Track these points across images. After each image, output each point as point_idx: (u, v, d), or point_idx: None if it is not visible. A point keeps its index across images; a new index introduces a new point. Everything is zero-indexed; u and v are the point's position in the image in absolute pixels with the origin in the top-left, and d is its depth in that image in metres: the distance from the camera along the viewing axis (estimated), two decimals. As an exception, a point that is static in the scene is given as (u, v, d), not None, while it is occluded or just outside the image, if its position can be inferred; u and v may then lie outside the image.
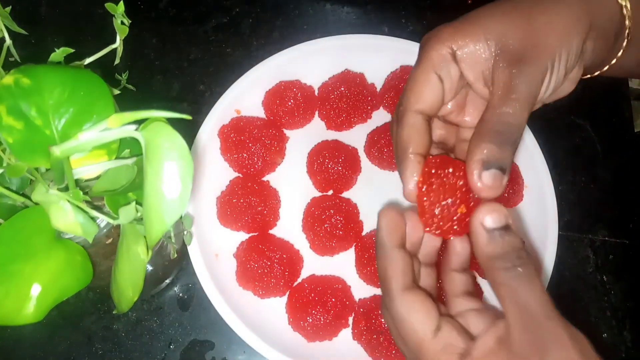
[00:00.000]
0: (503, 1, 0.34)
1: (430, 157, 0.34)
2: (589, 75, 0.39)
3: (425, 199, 0.32)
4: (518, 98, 0.32)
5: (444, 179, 0.32)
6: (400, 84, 0.59)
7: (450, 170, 0.32)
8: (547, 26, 0.33)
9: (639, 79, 0.44)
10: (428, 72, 0.34)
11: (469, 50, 0.33)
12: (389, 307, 0.32)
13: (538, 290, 0.29)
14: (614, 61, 0.37)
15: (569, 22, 0.33)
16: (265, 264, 0.52)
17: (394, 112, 0.36)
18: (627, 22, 0.35)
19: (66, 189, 0.32)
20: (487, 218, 0.30)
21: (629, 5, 0.35)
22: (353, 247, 0.56)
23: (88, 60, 0.39)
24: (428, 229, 0.33)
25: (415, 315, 0.31)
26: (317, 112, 0.60)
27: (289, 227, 0.56)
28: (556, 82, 0.34)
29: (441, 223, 0.33)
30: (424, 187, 0.33)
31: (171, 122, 0.26)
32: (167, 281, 0.55)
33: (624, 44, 0.36)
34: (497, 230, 0.30)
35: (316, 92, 0.60)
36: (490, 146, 0.31)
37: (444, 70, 0.34)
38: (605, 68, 0.38)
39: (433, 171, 0.33)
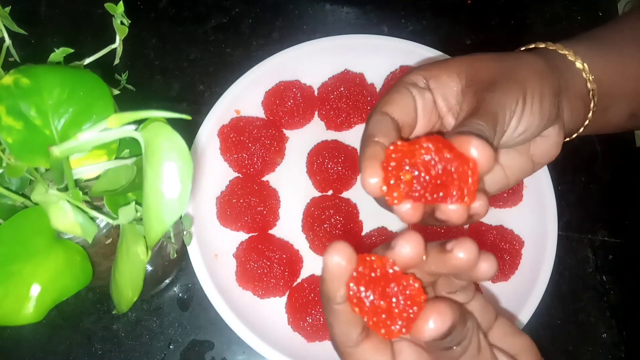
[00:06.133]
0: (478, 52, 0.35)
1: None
2: (574, 135, 0.40)
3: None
4: (484, 114, 0.30)
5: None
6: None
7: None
8: (518, 64, 0.34)
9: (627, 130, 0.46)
10: (401, 87, 0.33)
11: (441, 82, 0.33)
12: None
13: None
14: (587, 122, 0.39)
15: (539, 67, 0.34)
16: (265, 264, 0.52)
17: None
18: (588, 86, 0.37)
19: (66, 189, 0.32)
20: (429, 323, 0.24)
21: (591, 78, 0.37)
22: (353, 247, 0.56)
23: (88, 60, 0.39)
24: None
25: None
26: (316, 112, 0.60)
27: (289, 227, 0.56)
28: (528, 123, 0.32)
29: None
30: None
31: (171, 122, 0.26)
32: (167, 281, 0.55)
33: (591, 112, 0.38)
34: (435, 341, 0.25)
35: (316, 92, 0.60)
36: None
37: (416, 91, 0.33)
38: (586, 123, 0.39)
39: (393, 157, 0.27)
